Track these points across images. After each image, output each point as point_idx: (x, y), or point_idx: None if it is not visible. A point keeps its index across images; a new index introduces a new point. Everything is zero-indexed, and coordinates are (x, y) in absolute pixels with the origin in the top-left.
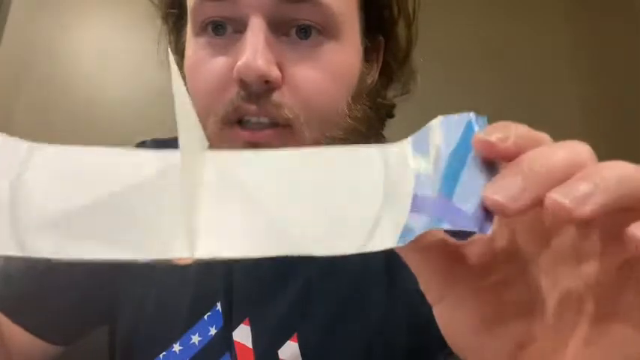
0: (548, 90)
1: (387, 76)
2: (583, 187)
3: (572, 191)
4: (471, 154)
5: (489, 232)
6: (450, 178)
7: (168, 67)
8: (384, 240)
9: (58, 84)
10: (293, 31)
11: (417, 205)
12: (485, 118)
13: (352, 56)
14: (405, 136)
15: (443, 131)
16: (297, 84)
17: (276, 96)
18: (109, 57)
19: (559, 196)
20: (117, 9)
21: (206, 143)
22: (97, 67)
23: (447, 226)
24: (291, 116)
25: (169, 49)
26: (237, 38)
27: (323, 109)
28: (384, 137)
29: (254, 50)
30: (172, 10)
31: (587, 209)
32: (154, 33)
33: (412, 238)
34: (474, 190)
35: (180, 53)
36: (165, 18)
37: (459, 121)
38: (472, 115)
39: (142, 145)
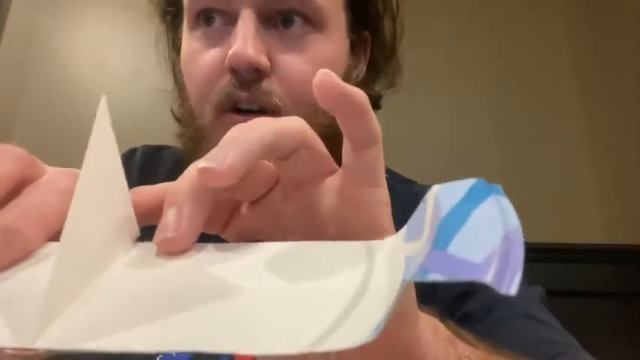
0: (546, 83)
1: (375, 69)
2: (223, 149)
3: (213, 155)
4: (479, 209)
5: (513, 289)
6: (446, 231)
7: (166, 67)
8: (347, 337)
9: (58, 83)
10: (280, 23)
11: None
12: (499, 186)
13: (338, 48)
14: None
15: (440, 197)
16: (285, 73)
17: (265, 84)
18: (108, 57)
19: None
20: (116, 9)
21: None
22: (96, 67)
23: (435, 277)
24: (279, 103)
25: (167, 47)
26: (228, 30)
27: (309, 97)
28: None
29: (244, 40)
30: (169, 9)
31: (227, 164)
32: (153, 33)
33: (387, 320)
34: (482, 241)
35: (177, 51)
36: (163, 16)
37: (461, 184)
38: (479, 179)
39: (132, 152)
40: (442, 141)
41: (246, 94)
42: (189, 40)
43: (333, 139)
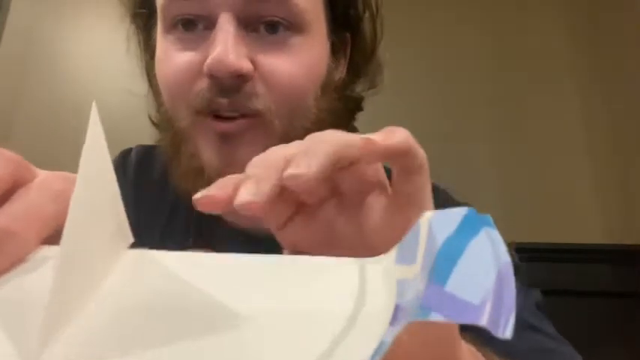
0: (546, 83)
1: (355, 71)
2: (300, 159)
3: (296, 164)
4: (473, 243)
5: (508, 333)
6: (443, 265)
7: (140, 70)
8: None
9: (58, 83)
10: (262, 27)
11: (399, 315)
12: (489, 217)
13: (319, 50)
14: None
15: (434, 226)
16: (268, 75)
17: (248, 87)
18: (109, 57)
19: (291, 170)
20: (116, 10)
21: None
22: (96, 68)
23: (437, 317)
24: (261, 107)
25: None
26: (207, 35)
27: (292, 100)
28: (355, 128)
29: (225, 45)
30: (141, 10)
31: (311, 171)
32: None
33: (384, 349)
34: (477, 279)
35: (150, 53)
36: (134, 17)
37: (453, 214)
38: (470, 209)
39: (128, 153)
40: (442, 141)
41: (227, 100)
42: (165, 43)
43: None
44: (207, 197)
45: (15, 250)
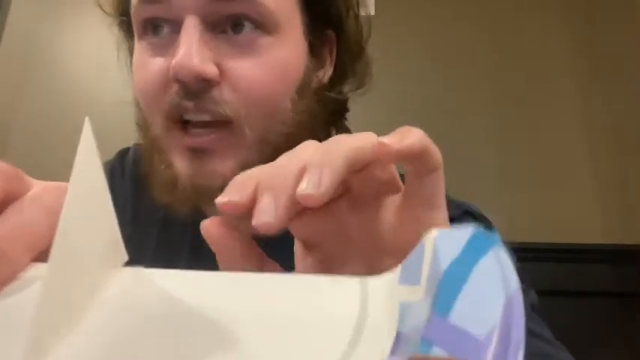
0: (545, 82)
1: (342, 70)
2: (314, 172)
3: (308, 180)
4: (479, 267)
5: None
6: (446, 294)
7: (128, 76)
8: None
9: (57, 83)
10: (228, 29)
11: (400, 344)
12: (497, 235)
13: (293, 51)
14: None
15: (439, 246)
16: (235, 79)
17: (215, 93)
18: (108, 58)
19: (303, 189)
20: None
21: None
22: (97, 68)
23: (439, 353)
24: (230, 113)
25: (128, 54)
26: (175, 39)
27: (263, 104)
28: (347, 128)
29: (189, 49)
30: (123, 18)
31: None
32: None
33: None
34: (484, 307)
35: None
36: (120, 25)
37: (459, 234)
38: (478, 228)
39: (126, 151)
40: (439, 140)
41: (193, 104)
42: (139, 50)
43: (292, 147)
44: (231, 203)
45: (4, 269)
